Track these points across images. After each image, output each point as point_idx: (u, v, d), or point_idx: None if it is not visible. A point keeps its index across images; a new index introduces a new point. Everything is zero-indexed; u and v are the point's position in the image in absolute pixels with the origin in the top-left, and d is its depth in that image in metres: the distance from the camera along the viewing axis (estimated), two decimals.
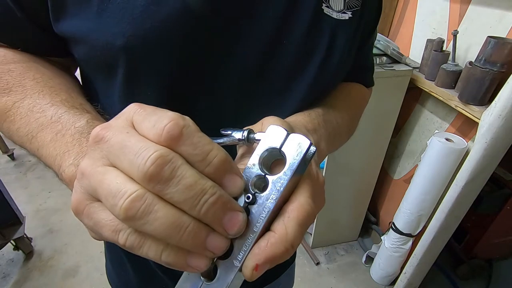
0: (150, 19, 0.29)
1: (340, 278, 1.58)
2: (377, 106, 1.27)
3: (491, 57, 0.90)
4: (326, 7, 0.35)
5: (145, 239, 0.18)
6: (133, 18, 0.29)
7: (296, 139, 0.21)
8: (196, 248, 0.18)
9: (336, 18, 0.35)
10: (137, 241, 0.18)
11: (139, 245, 0.18)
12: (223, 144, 0.26)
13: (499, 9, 0.97)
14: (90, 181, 0.18)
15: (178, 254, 0.18)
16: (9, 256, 1.63)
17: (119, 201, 0.17)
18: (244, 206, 0.21)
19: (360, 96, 0.51)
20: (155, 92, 0.33)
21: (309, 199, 0.21)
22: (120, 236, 0.18)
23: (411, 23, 1.33)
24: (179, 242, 0.17)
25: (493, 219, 1.41)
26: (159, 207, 0.17)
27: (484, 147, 0.92)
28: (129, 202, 0.17)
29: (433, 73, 1.12)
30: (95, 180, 0.18)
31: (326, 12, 0.35)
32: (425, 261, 1.26)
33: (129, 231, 0.18)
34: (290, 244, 0.20)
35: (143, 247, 0.18)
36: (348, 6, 0.36)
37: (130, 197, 0.17)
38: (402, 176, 1.50)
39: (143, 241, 0.18)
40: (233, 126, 0.27)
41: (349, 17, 0.36)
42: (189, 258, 0.18)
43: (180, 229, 0.17)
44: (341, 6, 0.35)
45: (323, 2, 0.34)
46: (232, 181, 0.19)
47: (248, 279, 0.20)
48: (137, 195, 0.17)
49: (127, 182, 0.17)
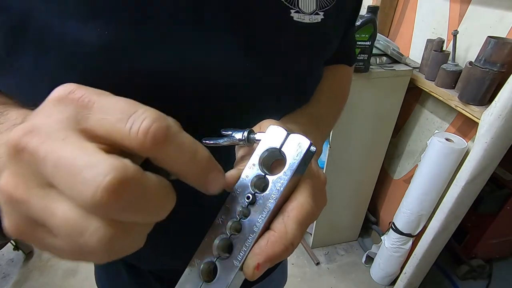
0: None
1: (340, 278, 1.58)
2: (377, 106, 1.27)
3: (491, 57, 0.90)
4: (296, 13, 0.30)
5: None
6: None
7: (296, 139, 0.21)
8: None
9: (309, 22, 0.31)
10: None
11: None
12: (223, 144, 0.26)
13: (499, 9, 0.97)
14: (30, 209, 0.14)
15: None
16: (9, 256, 1.63)
17: (82, 240, 0.14)
18: (244, 206, 0.21)
19: (345, 78, 0.52)
20: None
21: (309, 199, 0.21)
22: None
23: (411, 23, 1.33)
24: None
25: (493, 219, 1.40)
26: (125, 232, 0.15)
27: (484, 147, 0.92)
28: (97, 242, 0.14)
29: (433, 73, 1.12)
30: (37, 208, 0.14)
31: (297, 18, 0.31)
32: (425, 261, 1.26)
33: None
34: (290, 243, 0.20)
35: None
36: (320, 6, 0.32)
37: (96, 236, 0.14)
38: (402, 176, 1.50)
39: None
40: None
41: (322, 18, 0.32)
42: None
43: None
44: (313, 7, 0.31)
45: (290, 9, 0.30)
46: (217, 179, 0.18)
47: (249, 278, 0.20)
48: (99, 233, 0.14)
49: (83, 216, 0.14)
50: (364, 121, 1.30)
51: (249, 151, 0.25)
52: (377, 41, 1.24)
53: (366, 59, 1.13)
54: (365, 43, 1.09)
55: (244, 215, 0.21)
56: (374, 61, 1.22)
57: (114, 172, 0.13)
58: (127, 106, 0.15)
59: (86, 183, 0.13)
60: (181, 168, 0.16)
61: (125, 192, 0.13)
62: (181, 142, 0.16)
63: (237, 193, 0.22)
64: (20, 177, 0.15)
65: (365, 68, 1.15)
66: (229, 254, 0.20)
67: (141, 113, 0.15)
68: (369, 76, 1.18)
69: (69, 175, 0.13)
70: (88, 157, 0.13)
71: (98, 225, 0.14)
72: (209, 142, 0.27)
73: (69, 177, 0.13)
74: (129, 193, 0.13)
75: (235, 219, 0.21)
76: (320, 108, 0.41)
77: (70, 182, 0.13)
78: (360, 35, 1.08)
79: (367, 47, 1.10)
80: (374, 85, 1.21)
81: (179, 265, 0.24)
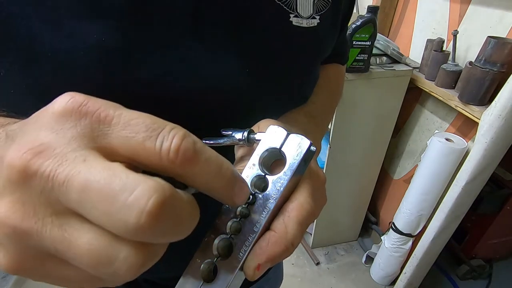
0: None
1: (340, 278, 1.58)
2: (377, 106, 1.27)
3: (491, 57, 0.90)
4: (295, 17, 0.30)
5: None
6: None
7: (296, 139, 0.22)
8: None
9: (306, 26, 0.31)
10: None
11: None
12: (224, 144, 0.26)
13: (499, 9, 0.97)
14: (43, 241, 0.13)
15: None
16: None
17: (110, 270, 0.12)
18: (244, 206, 0.21)
19: (339, 76, 0.53)
20: None
21: (309, 199, 0.21)
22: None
23: (411, 23, 1.33)
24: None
25: (493, 219, 1.41)
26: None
27: (484, 147, 0.92)
28: (126, 270, 0.13)
29: (433, 73, 1.12)
30: (52, 240, 0.13)
31: (296, 23, 0.31)
32: (425, 261, 1.26)
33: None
34: (291, 243, 0.20)
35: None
36: (316, 10, 0.32)
37: (126, 264, 0.12)
38: (402, 176, 1.50)
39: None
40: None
41: (318, 22, 0.32)
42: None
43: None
44: (310, 11, 0.31)
45: (290, 13, 0.30)
46: (243, 190, 0.18)
47: (250, 278, 0.20)
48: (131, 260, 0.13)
49: (111, 243, 0.12)
50: (364, 121, 1.30)
51: (249, 151, 0.25)
52: (377, 41, 1.24)
53: (366, 59, 1.13)
54: (365, 43, 1.09)
55: (244, 215, 0.21)
56: (374, 61, 1.22)
57: (156, 193, 0.12)
58: (152, 122, 0.14)
59: (127, 208, 0.11)
60: (208, 184, 0.16)
61: (166, 214, 0.12)
62: (208, 157, 0.15)
63: None
64: (27, 205, 0.13)
65: (365, 68, 1.15)
66: (229, 254, 0.20)
67: (169, 130, 0.14)
68: (369, 76, 1.18)
69: (103, 201, 0.12)
70: (121, 179, 0.12)
71: (128, 252, 0.12)
72: (209, 142, 0.27)
73: (102, 202, 0.12)
74: (169, 215, 0.12)
75: (235, 219, 0.21)
76: (318, 107, 0.42)
77: (104, 208, 0.12)
78: (360, 35, 1.08)
79: (367, 47, 1.10)
80: (374, 85, 1.21)
81: (176, 272, 0.24)
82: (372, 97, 1.24)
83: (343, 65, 0.55)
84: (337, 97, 0.52)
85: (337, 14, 0.37)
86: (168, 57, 0.27)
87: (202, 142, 0.15)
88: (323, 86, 0.46)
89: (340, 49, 0.50)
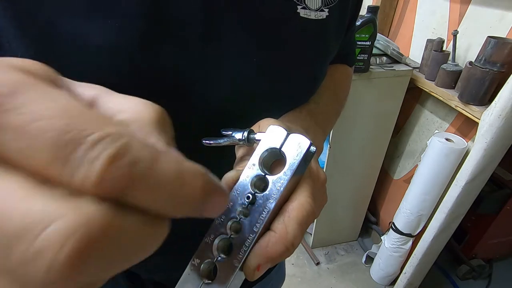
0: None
1: (340, 278, 1.58)
2: (377, 106, 1.27)
3: (491, 57, 0.90)
4: (303, 9, 0.30)
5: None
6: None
7: (296, 139, 0.21)
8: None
9: (314, 18, 0.31)
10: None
11: None
12: (224, 144, 0.26)
13: (499, 9, 0.97)
14: None
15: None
16: None
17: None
18: (244, 206, 0.21)
19: (345, 77, 0.52)
20: None
21: (309, 199, 0.21)
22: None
23: (411, 23, 1.33)
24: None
25: (493, 219, 1.40)
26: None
27: (484, 147, 0.92)
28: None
29: (433, 73, 1.12)
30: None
31: (303, 15, 0.31)
32: (425, 261, 1.26)
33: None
34: (291, 243, 0.20)
35: None
36: (325, 2, 0.32)
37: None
38: (402, 176, 1.50)
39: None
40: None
41: (326, 15, 0.32)
42: None
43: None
44: (319, 3, 0.31)
45: (297, 5, 0.30)
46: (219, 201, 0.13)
47: (250, 279, 0.20)
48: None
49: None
50: (364, 121, 1.30)
51: (249, 151, 0.25)
52: (377, 41, 1.24)
53: (366, 59, 1.13)
54: (365, 43, 1.09)
55: (244, 215, 0.21)
56: (374, 61, 1.22)
57: (79, 228, 0.08)
58: (66, 125, 0.09)
59: (33, 258, 0.07)
60: (168, 204, 0.11)
61: (95, 251, 0.08)
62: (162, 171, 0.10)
63: (237, 193, 0.22)
64: None
65: (365, 68, 1.15)
66: (229, 254, 0.20)
67: (96, 140, 0.09)
68: (369, 76, 1.18)
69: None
70: (20, 210, 0.07)
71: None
72: (209, 142, 0.27)
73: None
74: (100, 250, 0.08)
75: (235, 219, 0.21)
76: (320, 105, 0.41)
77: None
78: (360, 35, 1.08)
79: (367, 47, 1.10)
80: (374, 85, 1.21)
81: (176, 272, 0.24)
82: (372, 97, 1.24)
83: (350, 66, 0.53)
84: (341, 97, 0.51)
85: (346, 9, 0.36)
86: (181, 59, 0.27)
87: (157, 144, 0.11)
88: (328, 85, 0.45)
89: (347, 49, 0.49)
